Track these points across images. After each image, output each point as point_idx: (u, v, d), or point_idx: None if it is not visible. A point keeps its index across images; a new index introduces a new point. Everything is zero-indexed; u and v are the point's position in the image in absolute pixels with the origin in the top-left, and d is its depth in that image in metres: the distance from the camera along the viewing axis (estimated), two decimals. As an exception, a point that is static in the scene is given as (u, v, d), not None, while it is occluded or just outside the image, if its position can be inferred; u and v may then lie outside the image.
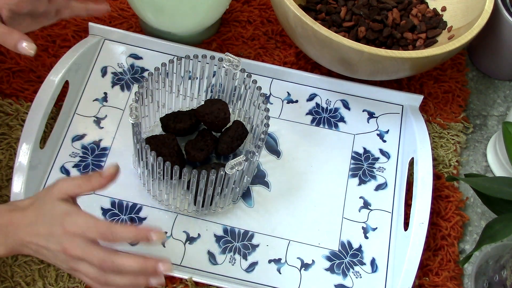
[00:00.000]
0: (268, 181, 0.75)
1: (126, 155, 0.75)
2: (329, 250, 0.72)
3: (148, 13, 0.78)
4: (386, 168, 0.78)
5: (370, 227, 0.74)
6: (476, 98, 0.88)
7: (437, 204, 0.77)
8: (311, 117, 0.81)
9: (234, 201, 0.73)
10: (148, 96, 0.70)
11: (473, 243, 0.76)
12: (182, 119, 0.74)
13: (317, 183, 0.76)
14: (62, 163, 0.73)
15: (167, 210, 0.72)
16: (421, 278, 0.72)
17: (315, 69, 0.85)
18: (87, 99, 0.78)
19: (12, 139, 0.75)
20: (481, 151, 0.84)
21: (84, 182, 0.55)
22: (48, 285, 0.66)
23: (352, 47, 0.68)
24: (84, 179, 0.55)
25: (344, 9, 0.83)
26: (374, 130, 0.81)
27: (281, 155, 0.78)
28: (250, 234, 0.72)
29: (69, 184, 0.55)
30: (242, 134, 0.73)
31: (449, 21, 0.84)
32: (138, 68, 0.82)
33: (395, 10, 0.84)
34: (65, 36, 0.83)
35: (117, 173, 0.56)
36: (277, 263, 0.70)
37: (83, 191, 0.56)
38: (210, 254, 0.70)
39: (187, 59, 0.70)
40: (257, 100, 0.70)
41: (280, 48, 0.87)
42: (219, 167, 0.63)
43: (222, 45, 0.86)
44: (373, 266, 0.71)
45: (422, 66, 0.73)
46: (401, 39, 0.83)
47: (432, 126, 0.83)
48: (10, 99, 0.77)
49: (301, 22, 0.69)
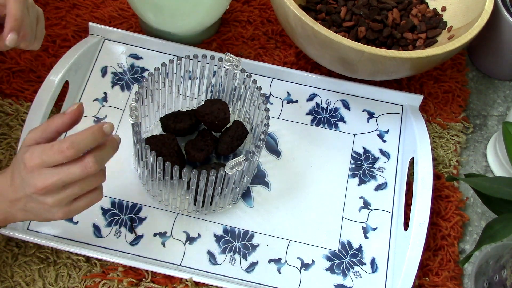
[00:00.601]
0: (268, 181, 0.75)
1: (126, 155, 0.75)
2: (329, 250, 0.72)
3: (148, 13, 0.78)
4: (386, 168, 0.78)
5: (370, 227, 0.74)
6: (476, 98, 0.88)
7: (437, 204, 0.77)
8: (311, 117, 0.81)
9: (234, 201, 0.73)
10: (148, 96, 0.70)
11: (473, 243, 0.76)
12: (182, 119, 0.74)
13: (317, 183, 0.76)
14: (62, 163, 0.73)
15: (167, 210, 0.72)
16: (421, 278, 0.72)
17: (315, 69, 0.85)
18: (87, 99, 0.78)
19: (12, 139, 0.75)
20: (481, 151, 0.84)
21: (47, 124, 0.55)
22: (48, 285, 0.66)
23: (352, 47, 0.68)
24: (48, 121, 0.55)
25: (344, 9, 0.83)
26: (374, 130, 0.81)
27: (281, 155, 0.78)
28: (250, 234, 0.72)
29: (35, 130, 0.55)
30: (242, 134, 0.73)
31: (449, 21, 0.84)
32: (138, 68, 0.82)
33: (395, 10, 0.84)
34: (65, 36, 0.83)
35: (79, 109, 0.55)
36: (277, 263, 0.70)
37: (49, 133, 0.55)
38: (210, 254, 0.70)
39: (187, 59, 0.70)
40: (257, 100, 0.70)
41: (280, 48, 0.87)
42: (219, 167, 0.63)
43: (222, 45, 0.86)
44: (373, 266, 0.71)
45: (422, 66, 0.73)
46: (401, 39, 0.83)
47: (432, 126, 0.83)
48: (10, 99, 0.77)
49: (301, 22, 0.69)
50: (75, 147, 0.52)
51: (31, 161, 0.53)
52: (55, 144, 0.52)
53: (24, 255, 0.68)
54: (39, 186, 0.53)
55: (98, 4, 0.87)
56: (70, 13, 0.86)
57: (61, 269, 0.67)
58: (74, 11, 0.86)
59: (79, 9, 0.87)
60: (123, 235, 0.70)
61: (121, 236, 0.69)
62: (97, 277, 0.67)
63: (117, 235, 0.69)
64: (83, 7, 0.87)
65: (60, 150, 0.52)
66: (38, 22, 0.64)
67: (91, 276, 0.67)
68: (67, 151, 0.52)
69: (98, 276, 0.67)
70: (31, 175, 0.53)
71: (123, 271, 0.68)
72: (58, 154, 0.52)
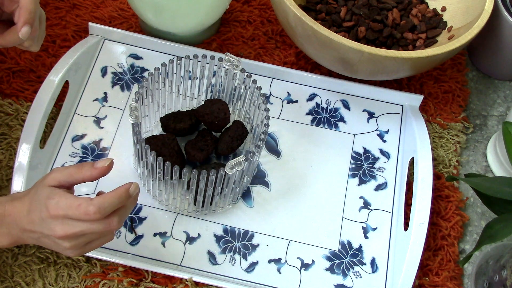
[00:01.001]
0: (268, 181, 0.75)
1: (126, 155, 0.75)
2: (329, 250, 0.72)
3: (148, 13, 0.78)
4: (386, 168, 0.78)
5: (370, 227, 0.74)
6: (476, 98, 0.88)
7: (437, 204, 0.77)
8: (311, 117, 0.81)
9: (234, 201, 0.73)
10: (148, 96, 0.70)
11: (473, 243, 0.76)
12: (182, 119, 0.74)
13: (317, 183, 0.76)
14: (62, 163, 0.73)
15: (167, 210, 0.72)
16: (421, 278, 0.72)
17: (315, 69, 0.85)
18: (87, 99, 0.78)
19: (12, 139, 0.75)
20: (481, 151, 0.84)
21: (75, 171, 0.55)
22: (48, 285, 0.66)
23: (352, 47, 0.68)
24: (76, 168, 0.56)
25: (344, 9, 0.83)
26: (374, 130, 0.81)
27: (281, 155, 0.78)
28: (250, 234, 0.72)
29: (62, 173, 0.56)
30: (242, 134, 0.73)
31: (449, 21, 0.84)
32: (138, 68, 0.82)
33: (395, 10, 0.84)
34: (65, 36, 0.83)
35: (110, 167, 0.56)
36: (277, 263, 0.70)
37: (74, 180, 0.56)
38: (210, 254, 0.70)
39: (187, 59, 0.70)
40: (257, 100, 0.70)
41: (280, 48, 0.87)
42: (219, 167, 0.63)
43: (222, 45, 0.86)
44: (373, 266, 0.71)
45: (422, 66, 0.73)
46: (401, 39, 0.83)
47: (432, 126, 0.83)
48: (10, 99, 0.77)
49: (301, 22, 0.69)
50: (101, 212, 0.53)
51: (55, 211, 0.53)
52: (82, 204, 0.52)
53: (24, 255, 0.68)
54: (59, 234, 0.53)
55: (98, 4, 0.87)
56: (70, 13, 0.86)
57: (61, 269, 0.67)
58: (74, 11, 0.86)
59: (79, 9, 0.87)
60: (123, 235, 0.70)
61: (121, 236, 0.69)
62: (97, 277, 0.67)
63: (117, 235, 0.69)
64: (83, 7, 0.87)
65: (86, 212, 0.52)
66: (40, 23, 0.65)
67: (91, 276, 0.67)
68: (93, 215, 0.52)
69: (98, 276, 0.67)
70: (52, 221, 0.53)
71: (123, 271, 0.68)
72: (84, 215, 0.52)
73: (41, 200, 0.54)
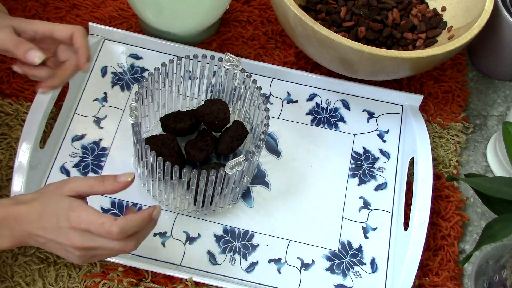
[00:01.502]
0: (268, 181, 0.75)
1: (126, 155, 0.75)
2: (329, 250, 0.72)
3: (148, 13, 0.78)
4: (386, 168, 0.78)
5: (370, 227, 0.74)
6: (476, 98, 0.88)
7: (437, 204, 0.77)
8: (311, 117, 0.81)
9: (234, 201, 0.73)
10: (148, 96, 0.70)
11: (473, 243, 0.76)
12: (182, 119, 0.74)
13: (317, 183, 0.76)
14: (62, 163, 0.73)
15: (167, 210, 0.72)
16: (421, 278, 0.72)
17: (315, 69, 0.85)
18: (87, 99, 0.78)
19: (12, 139, 0.75)
20: (481, 151, 0.84)
21: (97, 184, 0.56)
22: (48, 285, 0.66)
23: (352, 47, 0.68)
24: (98, 180, 0.56)
25: (344, 9, 0.83)
26: (374, 130, 0.81)
27: (281, 155, 0.78)
28: (250, 234, 0.72)
29: (82, 183, 0.56)
30: (242, 134, 0.73)
31: (449, 21, 0.84)
32: (138, 68, 0.82)
33: (395, 10, 0.84)
34: (65, 36, 0.83)
35: (132, 181, 0.56)
36: (277, 263, 0.70)
37: (94, 192, 0.56)
38: (210, 254, 0.70)
39: (187, 59, 0.70)
40: (257, 100, 0.70)
41: (280, 48, 0.87)
42: (219, 167, 0.63)
43: (222, 45, 0.86)
44: (373, 266, 0.71)
45: (422, 66, 0.73)
46: (401, 39, 0.83)
47: (432, 126, 0.83)
48: (10, 99, 0.77)
49: (301, 22, 0.69)
50: (123, 233, 0.53)
51: (77, 224, 0.53)
52: (106, 223, 0.53)
53: (24, 255, 0.68)
54: (76, 245, 0.53)
55: (98, 4, 0.87)
56: (70, 13, 0.86)
57: (61, 269, 0.67)
58: (74, 11, 0.86)
59: (79, 9, 0.87)
60: (123, 235, 0.70)
61: (121, 236, 0.69)
62: (97, 277, 0.67)
63: (117, 235, 0.69)
64: (83, 7, 0.87)
65: (109, 232, 0.53)
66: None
67: (91, 276, 0.67)
68: (115, 235, 0.53)
69: (98, 276, 0.67)
70: (72, 232, 0.53)
71: (123, 271, 0.68)
72: (106, 233, 0.53)
73: (59, 210, 0.54)
